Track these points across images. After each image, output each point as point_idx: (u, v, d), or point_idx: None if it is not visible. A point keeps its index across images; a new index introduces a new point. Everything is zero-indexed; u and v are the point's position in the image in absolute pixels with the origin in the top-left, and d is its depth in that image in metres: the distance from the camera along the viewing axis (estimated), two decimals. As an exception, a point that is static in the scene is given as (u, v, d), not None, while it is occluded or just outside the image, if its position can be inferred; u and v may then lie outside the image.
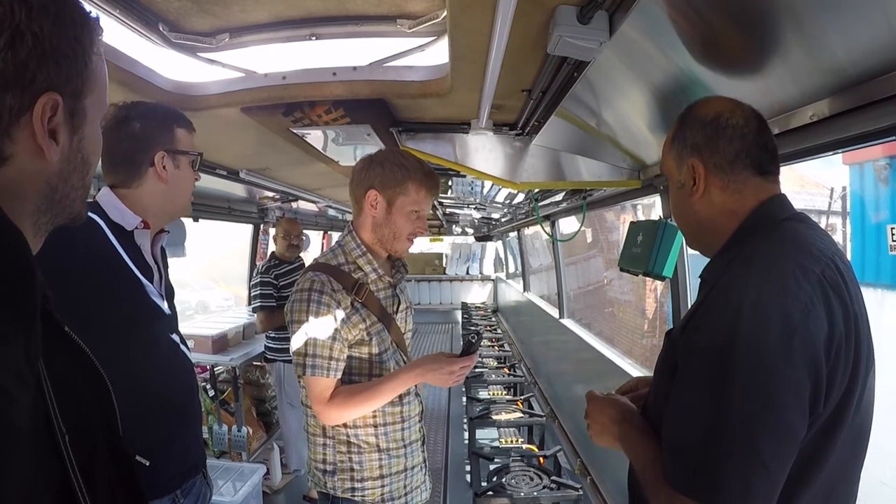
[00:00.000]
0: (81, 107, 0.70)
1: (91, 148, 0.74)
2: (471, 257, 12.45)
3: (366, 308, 1.77)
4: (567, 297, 5.20)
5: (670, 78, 1.45)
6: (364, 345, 1.76)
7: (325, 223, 7.14)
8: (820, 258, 0.98)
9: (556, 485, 3.08)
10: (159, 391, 1.52)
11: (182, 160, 1.54)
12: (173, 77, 1.89)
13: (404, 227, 1.80)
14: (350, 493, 1.80)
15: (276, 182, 3.80)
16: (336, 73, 1.85)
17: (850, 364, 0.97)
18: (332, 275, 1.74)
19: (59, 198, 0.71)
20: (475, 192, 4.66)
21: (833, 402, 0.95)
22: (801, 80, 1.21)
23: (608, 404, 1.32)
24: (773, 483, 0.91)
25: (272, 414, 4.72)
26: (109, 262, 1.43)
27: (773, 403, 0.90)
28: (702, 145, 1.12)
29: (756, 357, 0.90)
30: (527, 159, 2.32)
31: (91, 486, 0.63)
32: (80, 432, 0.65)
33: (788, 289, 0.92)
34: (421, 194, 1.78)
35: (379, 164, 1.77)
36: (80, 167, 0.73)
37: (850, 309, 0.97)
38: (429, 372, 1.71)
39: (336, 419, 1.74)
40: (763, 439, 0.89)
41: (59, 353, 0.68)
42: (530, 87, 1.78)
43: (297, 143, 2.50)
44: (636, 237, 2.16)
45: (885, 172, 6.81)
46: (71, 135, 0.70)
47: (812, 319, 0.91)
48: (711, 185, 1.13)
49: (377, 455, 1.80)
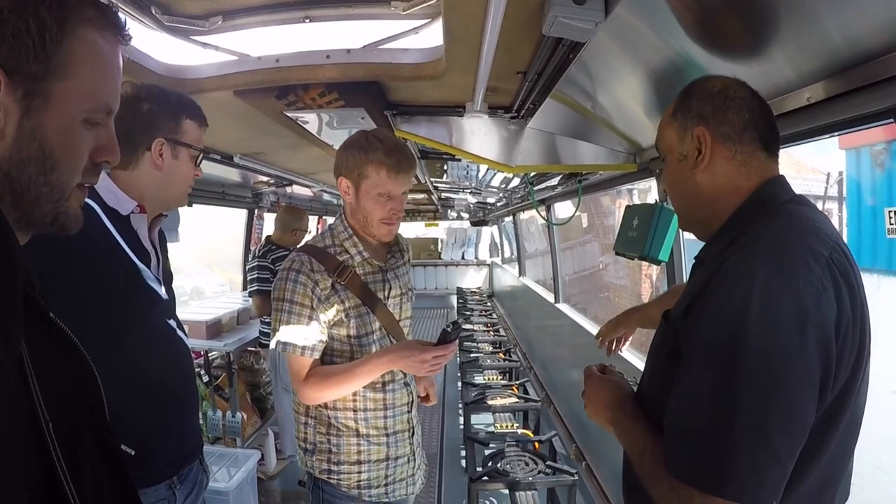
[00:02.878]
0: (43, 90, 0.65)
1: (55, 140, 0.67)
2: (466, 242, 12.41)
3: (347, 290, 1.76)
4: (563, 281, 5.20)
5: (666, 60, 1.45)
6: (342, 326, 1.75)
7: (319, 208, 7.12)
8: (826, 241, 0.96)
9: (551, 470, 3.08)
10: (156, 377, 1.51)
11: (183, 152, 1.52)
12: (166, 61, 1.87)
13: (374, 212, 1.75)
14: (326, 475, 1.81)
15: (271, 166, 3.78)
16: (330, 56, 1.83)
17: (855, 348, 0.95)
18: (315, 256, 1.74)
19: (20, 190, 0.66)
20: (470, 177, 4.65)
21: (838, 387, 0.94)
22: (797, 62, 1.20)
23: (604, 386, 1.30)
24: (783, 472, 0.89)
25: (267, 399, 4.74)
26: (105, 247, 1.41)
27: (785, 392, 0.88)
28: (709, 114, 1.10)
29: (768, 344, 0.88)
30: (522, 142, 2.31)
31: (76, 473, 0.62)
32: (65, 420, 0.64)
33: (800, 272, 0.90)
34: (382, 175, 1.71)
35: (344, 148, 1.75)
36: (39, 159, 0.67)
37: (857, 294, 0.96)
38: (401, 359, 1.69)
39: (312, 399, 1.76)
40: (774, 428, 0.87)
41: (43, 340, 0.67)
42: (525, 68, 1.76)
43: (292, 126, 2.49)
44: (632, 221, 2.16)
45: (881, 157, 6.80)
46: (22, 117, 0.65)
47: (824, 303, 0.89)
48: (717, 156, 1.10)
49: (356, 440, 1.80)
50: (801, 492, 0.97)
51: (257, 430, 4.35)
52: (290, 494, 4.00)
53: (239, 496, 3.25)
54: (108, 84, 0.73)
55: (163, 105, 1.48)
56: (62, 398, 0.66)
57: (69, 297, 1.21)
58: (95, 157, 0.74)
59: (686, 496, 0.92)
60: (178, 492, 1.56)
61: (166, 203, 1.58)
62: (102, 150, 0.74)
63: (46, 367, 0.63)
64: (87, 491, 0.64)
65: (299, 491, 3.94)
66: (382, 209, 1.75)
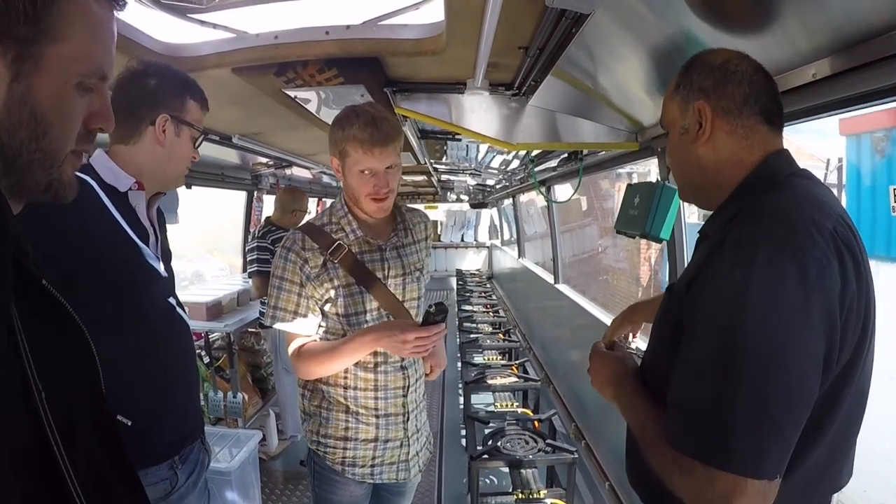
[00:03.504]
0: (34, 53, 0.64)
1: (47, 104, 0.66)
2: (465, 224, 12.44)
3: (340, 269, 1.75)
4: (562, 262, 5.20)
5: (668, 38, 1.43)
6: (331, 304, 1.77)
7: (319, 190, 7.10)
8: (831, 214, 0.95)
9: (551, 448, 3.11)
10: (156, 355, 1.51)
11: (184, 131, 1.52)
12: (163, 39, 1.85)
13: (359, 188, 1.73)
14: (316, 446, 1.87)
15: (270, 147, 3.76)
16: (329, 32, 1.81)
17: (860, 322, 0.95)
18: (310, 234, 1.77)
19: (12, 157, 0.65)
20: (470, 158, 4.63)
21: (843, 362, 0.94)
22: (802, 38, 1.19)
23: (608, 363, 1.32)
24: (786, 444, 0.89)
25: (268, 380, 4.76)
26: (103, 224, 1.41)
27: (788, 364, 0.88)
28: (710, 88, 1.10)
29: (771, 317, 0.88)
30: (523, 120, 2.29)
31: (70, 443, 0.62)
32: (59, 389, 0.63)
33: (803, 245, 0.89)
34: (359, 152, 1.67)
35: (332, 126, 1.73)
36: (30, 124, 0.65)
37: (862, 267, 0.95)
38: (383, 338, 1.67)
39: (304, 373, 1.81)
40: (777, 401, 0.87)
41: (36, 309, 0.66)
42: (527, 43, 1.74)
43: (291, 105, 2.47)
44: (633, 199, 2.15)
45: (882, 144, 6.78)
46: (12, 81, 0.63)
47: (828, 276, 0.89)
48: (718, 129, 1.10)
49: (344, 416, 1.83)
50: (808, 465, 0.98)
51: (258, 411, 4.37)
52: (291, 474, 4.03)
53: (241, 476, 3.26)
54: (101, 48, 0.71)
55: (169, 82, 1.49)
56: (56, 368, 0.65)
57: (67, 274, 1.21)
58: (89, 124, 0.73)
59: (688, 469, 0.93)
60: (179, 472, 1.57)
61: (164, 181, 1.57)
62: (96, 116, 0.73)
63: (39, 336, 0.62)
64: (80, 460, 0.63)
65: (301, 471, 3.97)
66: (367, 185, 1.72)
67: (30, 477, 0.58)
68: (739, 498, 0.87)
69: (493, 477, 3.93)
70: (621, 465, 1.33)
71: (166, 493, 1.53)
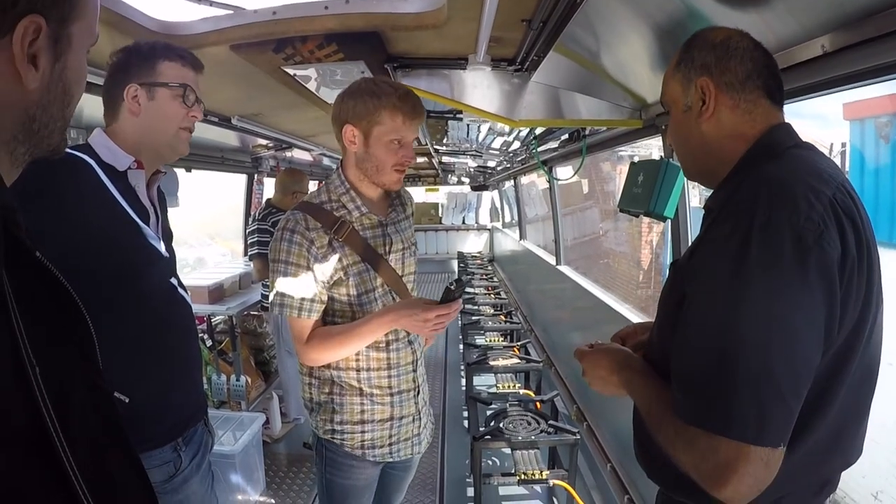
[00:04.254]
0: (67, 33, 0.66)
1: (73, 77, 0.70)
2: (467, 207, 12.45)
3: (347, 247, 1.72)
4: (564, 244, 5.20)
5: (672, 13, 1.43)
6: (342, 285, 1.73)
7: (319, 173, 7.08)
8: (830, 182, 0.95)
9: (553, 429, 3.13)
10: (158, 336, 1.51)
11: (160, 92, 1.47)
12: (158, 17, 1.82)
13: (386, 159, 1.71)
14: (330, 436, 1.81)
15: (269, 129, 3.74)
16: (328, 7, 1.78)
17: (862, 289, 0.95)
18: (311, 213, 1.71)
19: (38, 128, 0.68)
20: (471, 139, 4.60)
21: (846, 330, 0.94)
22: (802, 14, 1.19)
23: (601, 356, 1.30)
24: (789, 411, 0.89)
25: (271, 363, 4.78)
26: (102, 203, 1.39)
27: (787, 327, 0.88)
28: (712, 64, 1.10)
29: (769, 279, 0.88)
30: (525, 96, 2.27)
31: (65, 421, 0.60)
32: (54, 366, 0.61)
33: (800, 209, 0.89)
34: (398, 121, 1.68)
35: (350, 95, 1.69)
36: (61, 97, 0.69)
37: (863, 234, 0.95)
38: (403, 318, 1.66)
39: (315, 360, 1.74)
40: (778, 365, 0.87)
41: (30, 283, 0.64)
42: (530, 16, 1.71)
43: (290, 83, 2.45)
44: (637, 177, 2.14)
45: (886, 129, 6.75)
46: (53, 61, 0.66)
47: (825, 240, 0.88)
48: (721, 105, 1.10)
49: (359, 399, 1.79)
50: (814, 438, 0.98)
51: (262, 394, 4.39)
52: (295, 457, 4.05)
53: (245, 459, 3.30)
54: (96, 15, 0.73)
55: (132, 54, 1.46)
56: (51, 343, 0.64)
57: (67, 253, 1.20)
58: None
59: (692, 438, 0.94)
60: (183, 454, 1.57)
61: (159, 151, 1.53)
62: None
63: (33, 310, 0.60)
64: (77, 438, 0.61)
65: (304, 453, 4.00)
66: (395, 156, 1.71)
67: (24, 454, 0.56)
68: (743, 465, 0.88)
69: (496, 458, 3.95)
70: (623, 447, 1.33)
71: (170, 475, 1.53)
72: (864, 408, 1.06)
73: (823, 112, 8.36)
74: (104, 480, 0.66)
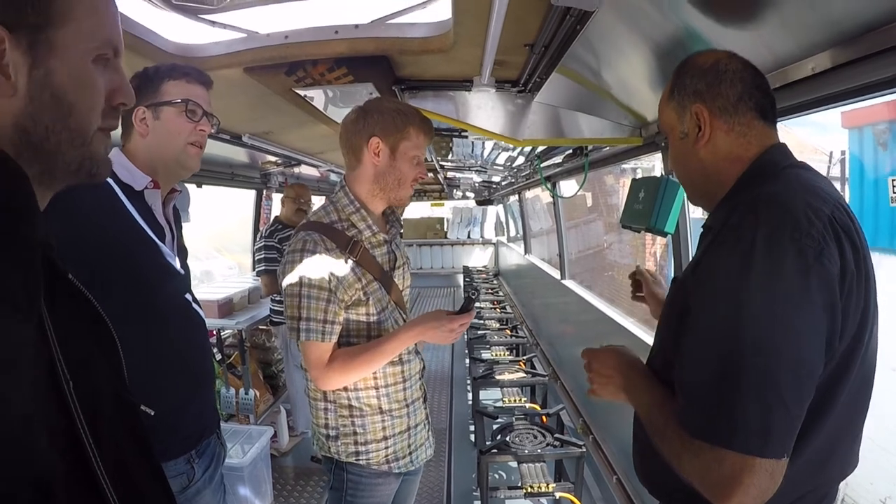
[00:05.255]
0: (46, 38, 0.65)
1: (66, 84, 0.68)
2: (472, 221, 12.46)
3: (361, 267, 1.73)
4: (568, 258, 5.22)
5: (670, 33, 1.46)
6: (361, 305, 1.73)
7: (326, 188, 7.12)
8: (828, 200, 0.98)
9: (559, 442, 3.14)
10: (174, 350, 1.54)
11: (165, 111, 1.49)
12: (175, 39, 1.87)
13: (408, 173, 1.77)
14: (355, 458, 1.80)
15: (279, 146, 3.80)
16: (338, 32, 1.84)
17: (861, 303, 0.98)
18: (324, 233, 1.69)
19: (39, 142, 0.66)
20: (476, 155, 4.65)
21: (846, 342, 0.97)
22: (799, 33, 1.21)
23: (610, 354, 1.31)
24: (792, 422, 0.91)
25: (278, 377, 4.80)
26: (122, 221, 1.44)
27: (792, 338, 0.90)
28: (704, 91, 1.13)
29: (773, 293, 0.90)
30: (529, 116, 2.32)
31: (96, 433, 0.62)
32: (86, 380, 0.64)
33: (801, 226, 0.92)
34: (420, 139, 1.77)
35: (377, 111, 1.74)
36: (52, 106, 0.67)
37: (861, 251, 0.98)
38: (429, 329, 1.70)
39: (336, 383, 1.72)
40: (782, 379, 0.89)
41: (63, 301, 0.67)
42: (533, 41, 1.77)
43: (300, 104, 2.50)
44: (638, 194, 2.17)
45: (884, 136, 6.75)
46: (30, 69, 0.65)
47: (826, 256, 0.91)
48: (716, 129, 1.13)
49: (380, 417, 1.80)
50: (811, 448, 1.00)
51: (270, 408, 4.40)
52: (302, 470, 4.06)
53: (253, 472, 3.30)
54: (107, 20, 0.73)
55: (140, 79, 1.49)
56: (83, 359, 0.66)
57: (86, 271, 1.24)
58: (112, 100, 0.75)
59: (696, 450, 0.95)
60: (196, 466, 1.59)
61: (169, 167, 1.55)
62: (117, 91, 0.75)
63: (66, 328, 0.63)
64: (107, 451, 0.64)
65: (311, 467, 4.01)
66: (415, 170, 1.79)
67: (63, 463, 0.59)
68: (748, 477, 0.89)
69: (502, 472, 3.95)
70: (628, 459, 1.35)
71: (183, 486, 1.55)
72: (859, 418, 1.09)
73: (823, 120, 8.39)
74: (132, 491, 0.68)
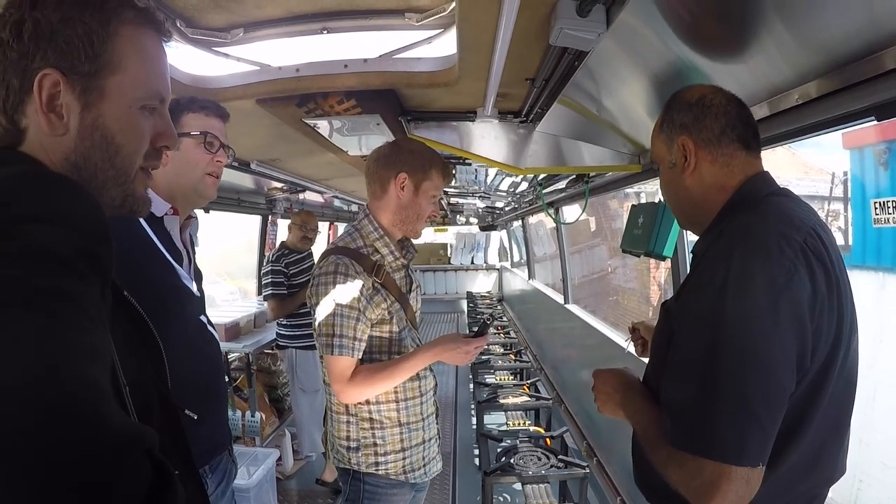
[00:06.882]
0: (98, 85, 0.73)
1: (115, 128, 0.75)
2: (475, 247, 12.51)
3: (385, 289, 1.86)
4: (571, 283, 5.27)
5: (667, 65, 1.52)
6: (386, 324, 1.86)
7: (331, 214, 7.21)
8: (801, 227, 1.06)
9: (563, 463, 3.15)
10: (191, 371, 1.56)
11: (183, 142, 1.54)
12: (191, 71, 1.95)
13: (426, 209, 1.94)
14: (374, 468, 1.89)
15: (285, 172, 3.87)
16: (347, 66, 1.91)
17: (833, 322, 1.05)
18: (352, 257, 1.82)
19: (88, 178, 0.74)
20: (479, 181, 4.72)
21: (819, 359, 1.04)
22: (792, 63, 1.27)
23: (613, 375, 1.42)
24: (765, 434, 0.99)
25: (284, 400, 4.81)
26: (146, 247, 1.50)
27: (761, 361, 0.98)
28: (689, 124, 1.21)
29: (744, 319, 0.99)
30: (530, 146, 2.40)
31: None
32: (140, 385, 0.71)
33: (771, 256, 1.00)
34: (439, 180, 1.93)
35: (408, 150, 1.90)
36: (102, 146, 0.75)
37: (832, 273, 1.05)
38: (447, 350, 1.83)
39: (356, 397, 1.83)
40: (754, 395, 0.98)
41: (120, 314, 0.74)
42: (534, 75, 1.85)
43: (309, 133, 2.57)
44: (637, 219, 2.24)
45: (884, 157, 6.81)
46: (82, 111, 0.73)
47: (795, 282, 0.99)
48: (702, 160, 1.21)
49: (398, 429, 1.90)
50: (794, 459, 1.07)
51: (275, 431, 4.42)
52: (306, 493, 4.08)
53: (259, 494, 3.32)
54: (155, 73, 0.81)
55: None
56: (137, 366, 0.74)
57: None
58: (156, 143, 0.83)
59: (681, 461, 1.04)
60: (209, 480, 1.62)
61: (187, 196, 1.61)
62: (161, 135, 0.84)
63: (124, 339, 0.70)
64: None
65: (316, 489, 4.04)
66: (430, 208, 1.95)
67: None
68: (726, 483, 0.98)
69: (507, 494, 3.97)
70: (632, 480, 1.40)
71: None
72: (842, 428, 1.16)
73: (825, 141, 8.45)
74: None
